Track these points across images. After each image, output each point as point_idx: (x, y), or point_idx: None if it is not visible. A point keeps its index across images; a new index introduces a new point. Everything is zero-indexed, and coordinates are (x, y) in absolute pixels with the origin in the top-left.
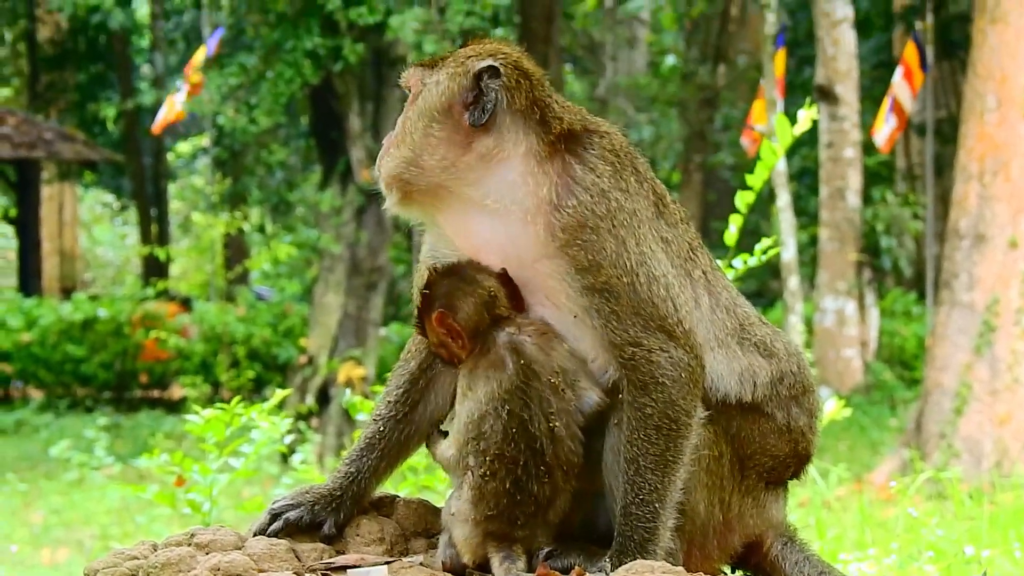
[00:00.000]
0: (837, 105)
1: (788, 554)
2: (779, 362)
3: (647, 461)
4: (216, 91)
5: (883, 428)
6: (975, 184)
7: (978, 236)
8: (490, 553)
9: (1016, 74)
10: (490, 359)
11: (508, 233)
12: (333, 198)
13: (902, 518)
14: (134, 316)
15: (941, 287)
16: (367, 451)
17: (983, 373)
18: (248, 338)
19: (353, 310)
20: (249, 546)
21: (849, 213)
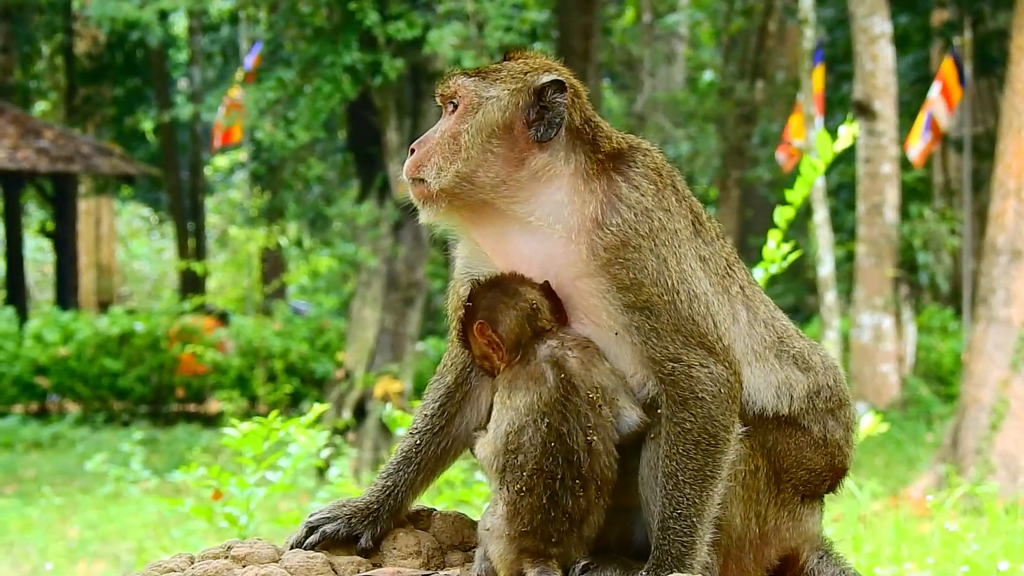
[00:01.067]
0: (875, 121)
1: (824, 568)
2: (816, 375)
3: (686, 476)
4: (254, 106)
5: (919, 443)
6: (1012, 200)
7: (1015, 252)
8: (525, 569)
9: None
10: (531, 371)
11: (549, 251)
12: (370, 212)
13: (938, 533)
14: (171, 330)
15: (978, 303)
16: (404, 464)
17: (1020, 389)
18: (285, 352)
19: (390, 325)
20: (286, 559)
21: (886, 229)
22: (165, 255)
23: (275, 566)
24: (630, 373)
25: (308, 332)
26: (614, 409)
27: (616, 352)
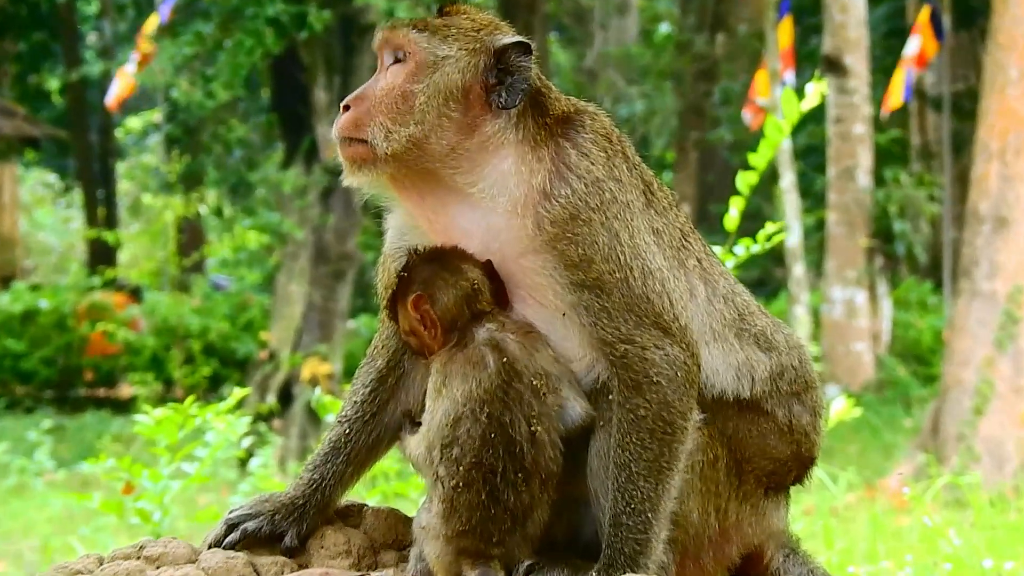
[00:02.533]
0: (846, 77)
1: (790, 567)
2: (779, 356)
3: (639, 467)
4: (169, 62)
5: (896, 429)
6: (996, 163)
7: (999, 220)
8: (464, 571)
9: None
10: (468, 356)
11: (491, 225)
12: (297, 178)
13: (917, 527)
14: (79, 307)
15: (960, 275)
16: (332, 456)
17: (1006, 369)
18: (204, 331)
19: (318, 301)
20: (204, 559)
21: (859, 195)
22: (72, 225)
23: (191, 567)
24: (577, 357)
25: (229, 309)
26: (558, 399)
27: (563, 335)
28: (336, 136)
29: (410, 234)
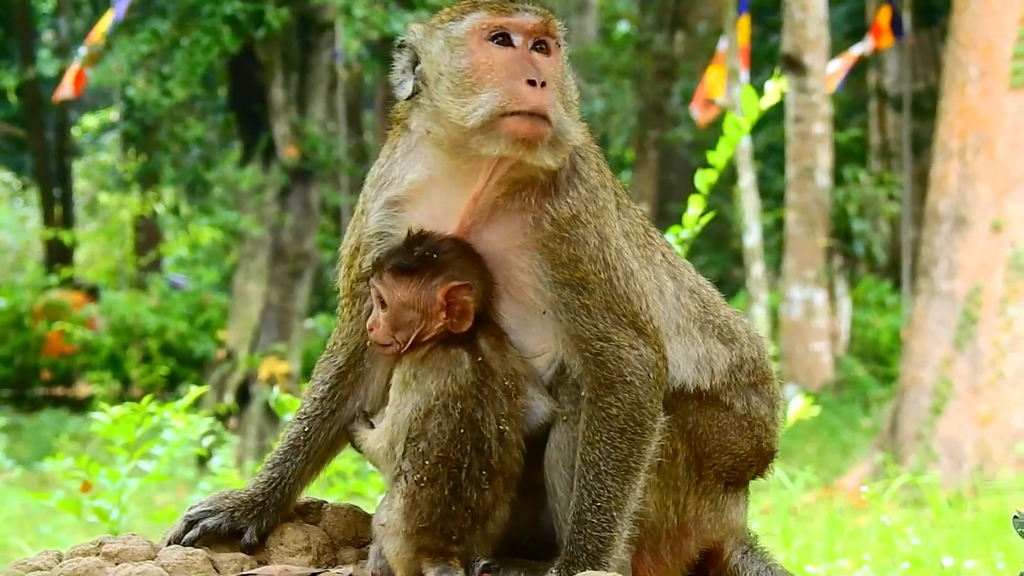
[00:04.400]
0: (805, 76)
1: (749, 563)
2: (740, 347)
3: (608, 466)
4: (126, 60)
5: (855, 429)
6: (956, 162)
7: (959, 219)
8: (424, 569)
9: (1001, 43)
10: (445, 352)
11: (497, 219)
12: (254, 177)
13: (875, 527)
14: (36, 306)
15: (919, 275)
16: (291, 453)
17: (964, 369)
18: (161, 331)
19: (276, 300)
20: (163, 556)
21: (818, 194)
22: (29, 224)
23: (151, 564)
24: (540, 352)
25: (186, 308)
26: (526, 399)
27: (536, 331)
28: (538, 110)
29: (395, 219)
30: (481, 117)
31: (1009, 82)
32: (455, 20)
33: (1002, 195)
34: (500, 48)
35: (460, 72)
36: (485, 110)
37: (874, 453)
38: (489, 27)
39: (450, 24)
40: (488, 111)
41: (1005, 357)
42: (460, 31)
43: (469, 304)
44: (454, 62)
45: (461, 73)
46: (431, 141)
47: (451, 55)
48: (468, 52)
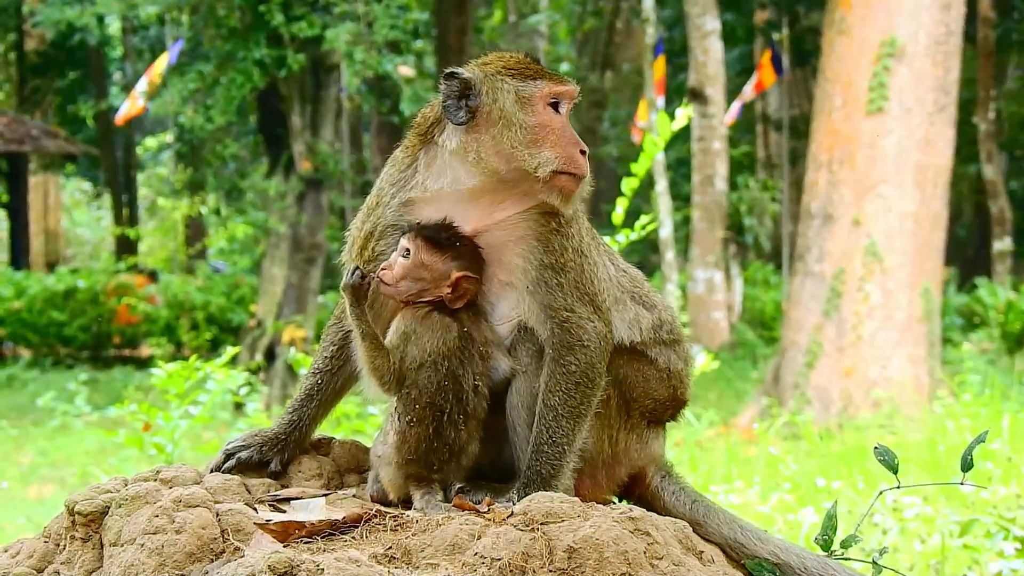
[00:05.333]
0: (707, 105)
1: (666, 485)
2: (659, 312)
3: (564, 410)
4: (178, 94)
5: (746, 380)
6: (824, 171)
7: (827, 216)
8: (411, 492)
9: (859, 78)
10: (440, 318)
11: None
12: (278, 185)
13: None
14: (108, 286)
15: (795, 260)
16: (307, 400)
17: (831, 332)
18: (206, 305)
19: (295, 281)
20: (206, 481)
21: (717, 197)
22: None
23: (197, 487)
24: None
25: (225, 287)
26: (494, 361)
27: (512, 303)
28: (584, 175)
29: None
30: (548, 170)
31: (865, 109)
32: (524, 79)
33: (860, 197)
34: (554, 113)
35: (532, 127)
36: (552, 166)
37: (761, 399)
38: (552, 95)
39: (519, 82)
40: (553, 167)
41: (863, 323)
42: (530, 92)
43: (470, 292)
44: (525, 117)
45: (533, 128)
46: (473, 163)
47: (521, 110)
48: (535, 112)
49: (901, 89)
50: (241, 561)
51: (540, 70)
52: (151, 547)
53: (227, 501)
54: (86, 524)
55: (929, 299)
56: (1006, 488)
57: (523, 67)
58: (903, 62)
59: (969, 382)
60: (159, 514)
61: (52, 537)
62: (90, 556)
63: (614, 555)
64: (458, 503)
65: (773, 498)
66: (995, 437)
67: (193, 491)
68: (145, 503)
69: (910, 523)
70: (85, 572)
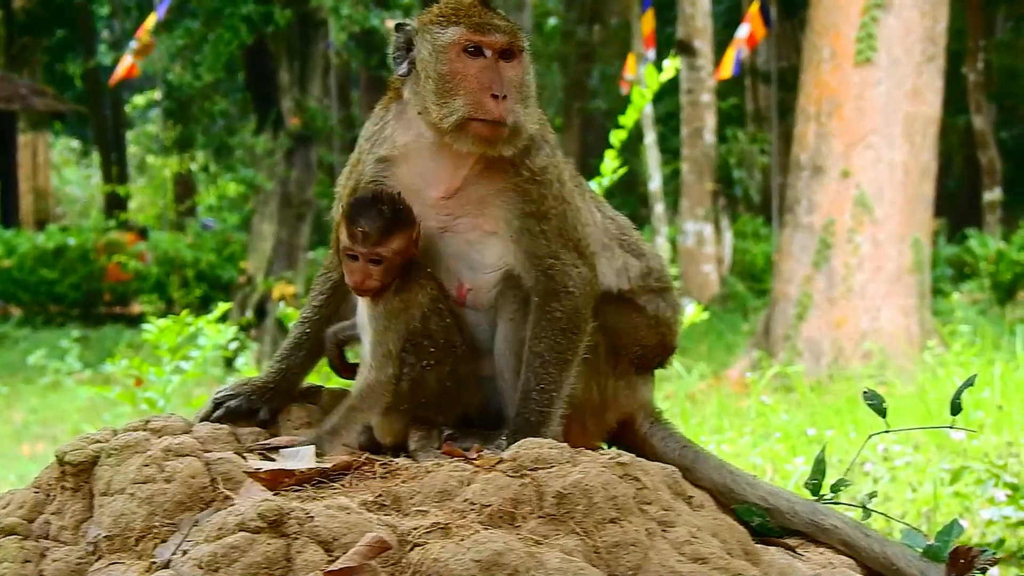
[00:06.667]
0: (695, 57)
1: (655, 431)
2: (647, 260)
3: (551, 356)
4: (166, 51)
5: (737, 332)
6: (813, 123)
7: (816, 168)
8: (410, 435)
9: (847, 29)
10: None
11: (482, 175)
12: (266, 142)
13: (754, 407)
14: (98, 244)
15: (785, 212)
16: (296, 349)
17: (821, 284)
18: (196, 261)
19: (285, 237)
20: (196, 430)
21: (706, 149)
22: (92, 180)
23: (187, 436)
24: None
25: (215, 244)
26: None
27: (498, 252)
28: (500, 119)
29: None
30: (453, 121)
31: (854, 60)
32: (441, 27)
33: (849, 149)
34: (473, 59)
35: (442, 77)
36: (457, 116)
37: (752, 351)
38: (466, 41)
39: (436, 31)
40: (459, 117)
41: (853, 275)
42: (443, 41)
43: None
44: (438, 67)
45: (443, 79)
46: (421, 117)
47: (436, 60)
48: (448, 60)
49: (889, 40)
50: (231, 509)
51: (463, 16)
52: (141, 496)
53: (217, 450)
54: (76, 474)
55: (919, 250)
56: (996, 436)
57: (451, 13)
58: (891, 12)
59: (960, 332)
60: (149, 463)
61: (42, 488)
62: (80, 506)
63: (603, 500)
64: (447, 450)
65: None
66: (986, 386)
67: (183, 440)
68: (135, 453)
69: (901, 471)
70: (75, 522)
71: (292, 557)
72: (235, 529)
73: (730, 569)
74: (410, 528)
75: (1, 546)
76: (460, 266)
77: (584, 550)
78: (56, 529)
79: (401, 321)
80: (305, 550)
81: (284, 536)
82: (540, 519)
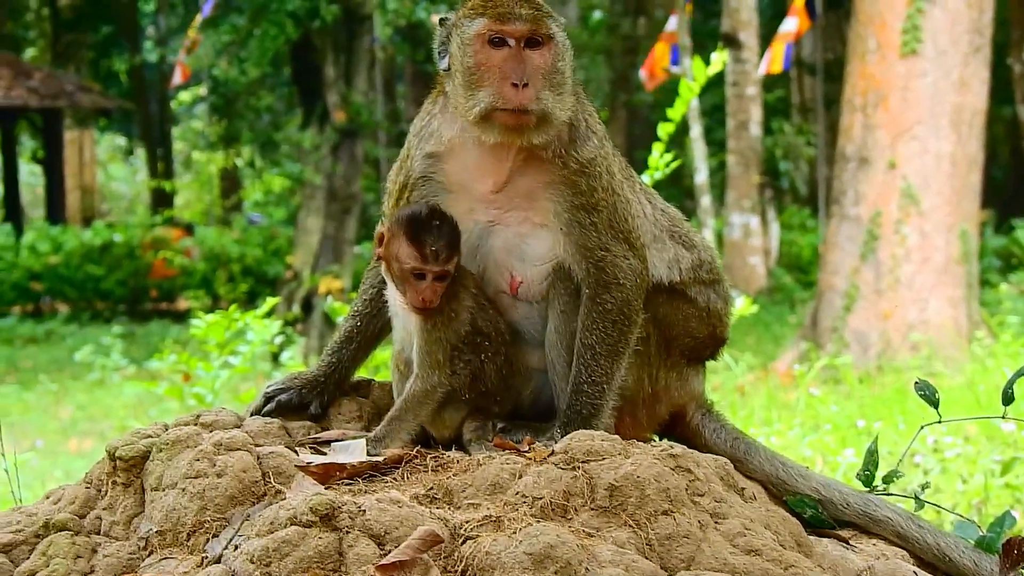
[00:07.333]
0: (741, 50)
1: (707, 423)
2: (699, 252)
3: (602, 348)
4: (212, 48)
5: (784, 324)
6: (859, 115)
7: (862, 159)
8: (465, 426)
9: (893, 20)
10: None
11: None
12: (312, 137)
13: (803, 399)
14: (145, 240)
15: (831, 203)
16: (346, 343)
17: (868, 276)
18: (242, 257)
19: (331, 232)
20: (247, 424)
21: (752, 142)
22: (138, 176)
23: (237, 431)
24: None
25: (261, 239)
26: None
27: (548, 243)
28: (520, 107)
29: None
30: (477, 113)
31: (900, 51)
32: (469, 20)
33: (895, 140)
34: (497, 49)
35: (468, 70)
36: (480, 107)
37: (799, 343)
38: (488, 32)
39: (465, 24)
40: (483, 108)
41: (900, 266)
42: (469, 33)
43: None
44: (464, 60)
45: (468, 71)
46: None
47: (463, 53)
48: (474, 53)
49: (935, 31)
50: (283, 503)
51: (488, 7)
52: (192, 491)
53: (267, 444)
54: (127, 469)
55: (967, 241)
56: None
57: (480, 5)
58: (937, 3)
59: (1008, 323)
60: (200, 458)
61: (94, 483)
62: (131, 501)
63: (655, 492)
64: (499, 443)
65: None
66: None
67: (234, 434)
68: (186, 447)
69: (951, 463)
70: (127, 517)
71: (344, 551)
72: (287, 523)
73: (783, 561)
74: (462, 521)
75: (53, 542)
76: (511, 259)
77: (636, 542)
78: (107, 524)
79: (451, 329)
80: (357, 544)
81: (336, 530)
82: (592, 511)
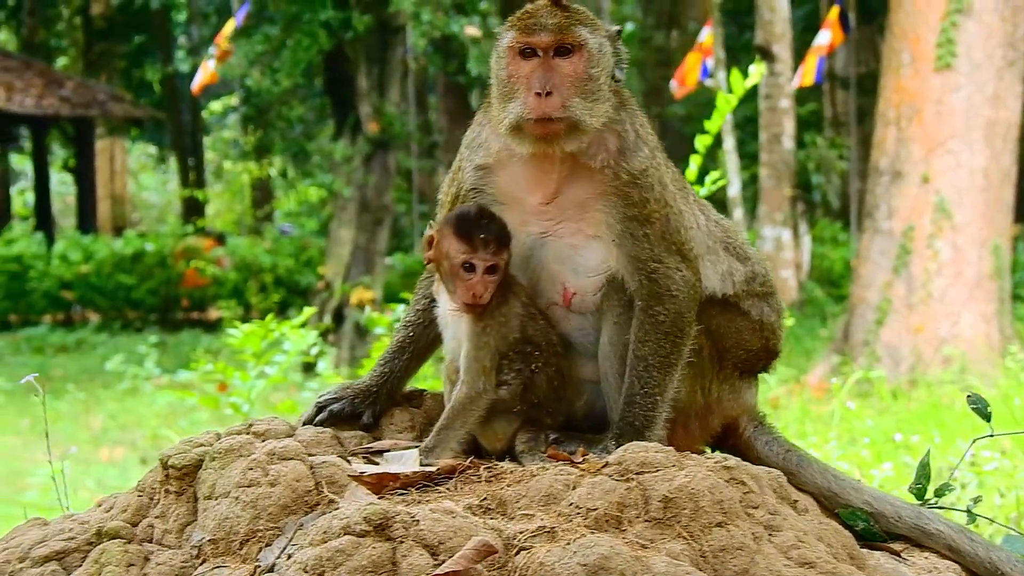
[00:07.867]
0: (774, 63)
1: (759, 435)
2: (752, 265)
3: (655, 360)
4: (244, 57)
5: (815, 338)
6: (892, 128)
7: (895, 173)
8: (518, 438)
9: (927, 34)
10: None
11: (579, 178)
12: (345, 147)
13: (838, 412)
14: (176, 249)
15: (864, 217)
16: (398, 353)
17: (901, 289)
18: (274, 267)
19: (363, 243)
20: (299, 434)
21: (785, 155)
22: (169, 186)
23: (290, 440)
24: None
25: (293, 250)
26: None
27: (600, 255)
28: (543, 115)
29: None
30: (507, 124)
31: (934, 65)
32: (503, 34)
33: (929, 154)
34: (527, 60)
35: (501, 82)
36: (511, 118)
37: (831, 356)
38: (517, 44)
39: (500, 38)
40: (512, 119)
41: (933, 280)
42: (501, 47)
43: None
44: (499, 72)
45: (502, 83)
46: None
47: (497, 66)
48: (505, 65)
49: (969, 45)
50: (336, 513)
51: (519, 19)
52: (245, 500)
53: (320, 454)
54: (180, 478)
55: (999, 255)
56: None
57: (515, 18)
58: (971, 17)
59: None
60: (253, 467)
61: (146, 491)
62: (184, 510)
63: (710, 504)
64: (552, 454)
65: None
66: None
67: (286, 444)
68: (239, 456)
69: (989, 477)
70: (179, 526)
71: (397, 561)
72: (340, 532)
73: (836, 573)
74: (516, 532)
75: (105, 550)
76: (564, 270)
77: (691, 554)
78: (160, 533)
79: (500, 335)
80: (411, 554)
81: (389, 540)
82: (646, 523)
